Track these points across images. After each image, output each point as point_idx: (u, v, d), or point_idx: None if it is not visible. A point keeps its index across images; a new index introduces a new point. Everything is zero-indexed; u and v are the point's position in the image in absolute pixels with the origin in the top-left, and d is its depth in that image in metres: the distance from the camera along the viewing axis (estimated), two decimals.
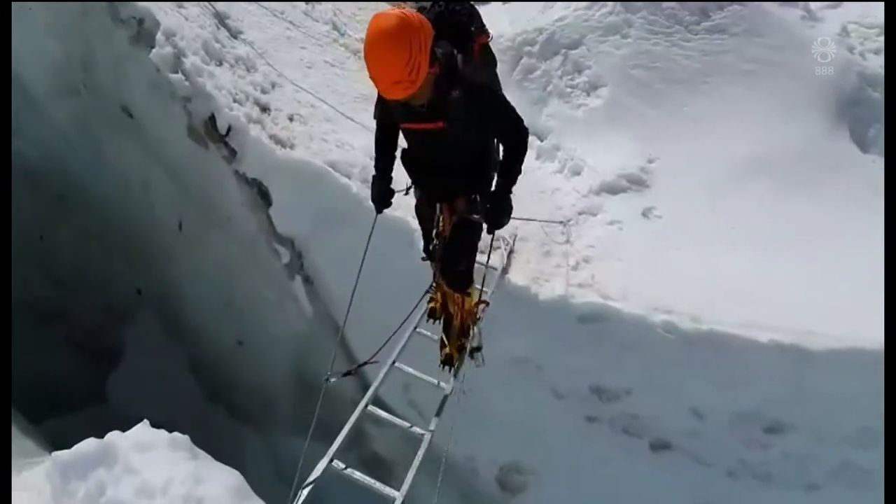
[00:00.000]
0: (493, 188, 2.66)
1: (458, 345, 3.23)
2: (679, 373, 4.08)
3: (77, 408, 6.09)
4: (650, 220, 4.39)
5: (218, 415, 5.97)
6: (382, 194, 2.74)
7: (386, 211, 2.82)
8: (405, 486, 2.56)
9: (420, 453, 2.89)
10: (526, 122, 2.56)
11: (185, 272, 5.59)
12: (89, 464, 2.97)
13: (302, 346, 5.27)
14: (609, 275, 4.20)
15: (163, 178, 5.40)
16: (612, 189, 4.52)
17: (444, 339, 3.25)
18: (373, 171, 2.83)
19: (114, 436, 3.18)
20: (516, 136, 2.49)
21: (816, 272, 3.97)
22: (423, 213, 2.99)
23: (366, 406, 3.11)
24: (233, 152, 4.66)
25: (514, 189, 2.62)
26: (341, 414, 5.38)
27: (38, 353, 6.13)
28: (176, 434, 3.37)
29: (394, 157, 2.81)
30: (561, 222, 4.37)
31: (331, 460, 2.77)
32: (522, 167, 2.60)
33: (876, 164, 4.32)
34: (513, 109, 2.52)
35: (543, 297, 4.18)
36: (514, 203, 2.63)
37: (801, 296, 3.90)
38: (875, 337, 3.36)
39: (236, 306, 5.35)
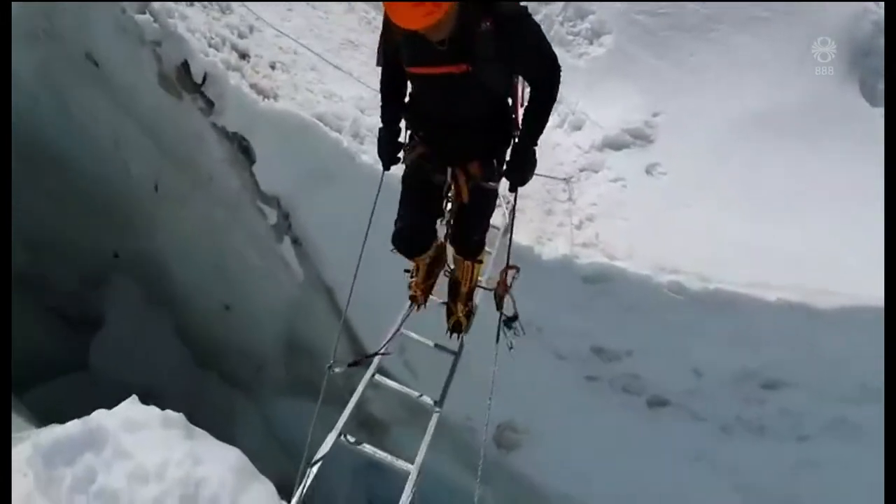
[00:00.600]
0: (514, 143, 2.23)
1: (466, 311, 2.98)
2: (683, 333, 3.88)
3: (60, 376, 5.69)
4: (654, 177, 4.08)
5: (209, 379, 5.64)
6: (392, 148, 2.27)
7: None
8: (419, 459, 2.35)
9: (430, 429, 2.63)
10: None
11: (164, 235, 5.11)
12: (76, 447, 2.59)
13: (293, 310, 4.91)
14: (613, 234, 3.91)
15: (135, 133, 4.84)
16: (614, 144, 4.17)
17: (451, 305, 2.83)
18: (371, 125, 2.42)
19: (101, 415, 2.82)
20: (552, 75, 2.02)
21: (825, 229, 3.74)
22: (420, 180, 2.30)
23: (372, 376, 2.82)
24: (210, 104, 4.14)
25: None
26: (333, 377, 5.11)
27: (15, 321, 5.65)
28: (168, 412, 3.01)
29: (403, 106, 2.32)
30: (564, 179, 4.04)
31: (339, 434, 2.51)
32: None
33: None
34: (549, 44, 2.06)
35: (547, 258, 3.88)
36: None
37: (810, 253, 3.68)
38: (881, 294, 3.18)
39: (222, 270, 4.93)
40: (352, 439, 2.34)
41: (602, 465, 4.41)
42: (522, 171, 2.16)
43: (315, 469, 2.38)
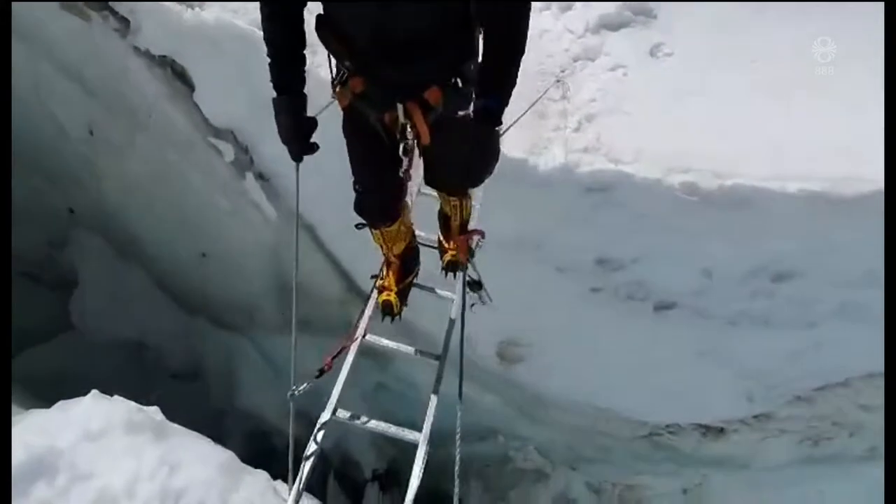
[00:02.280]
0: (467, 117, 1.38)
1: (464, 246, 2.08)
2: (693, 236, 3.24)
3: (48, 339, 4.99)
4: (659, 59, 3.18)
5: (201, 326, 4.95)
6: (299, 127, 1.44)
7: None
8: (426, 429, 1.94)
9: (434, 400, 2.06)
10: None
11: (115, 185, 4.14)
12: (24, 479, 1.89)
13: (274, 251, 4.14)
14: (617, 133, 3.10)
15: (53, 74, 3.70)
16: (612, 24, 3.20)
17: (443, 241, 2.17)
18: (271, 88, 1.44)
19: (51, 429, 2.10)
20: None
21: (846, 113, 2.99)
22: (366, 126, 1.57)
23: (364, 335, 2.19)
24: (124, 22, 3.05)
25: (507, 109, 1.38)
26: (327, 312, 4.50)
27: None
28: (132, 413, 2.27)
29: (303, 59, 1.45)
30: (557, 80, 3.14)
31: (333, 412, 1.93)
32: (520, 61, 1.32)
33: None
34: None
35: (544, 169, 3.10)
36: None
37: (833, 140, 2.96)
38: None
39: (187, 217, 4.05)
40: (346, 415, 1.92)
41: (606, 369, 3.99)
42: (477, 163, 1.35)
43: (309, 464, 1.84)
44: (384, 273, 2.00)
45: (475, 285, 2.08)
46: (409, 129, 1.52)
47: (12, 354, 4.66)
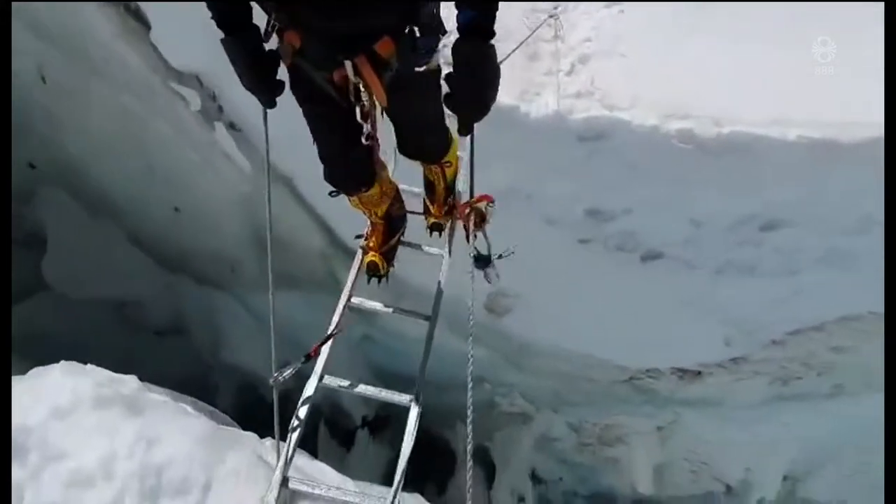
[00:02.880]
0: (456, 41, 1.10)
1: (446, 208, 1.93)
2: (685, 185, 3.04)
3: (24, 299, 4.69)
4: None
5: (182, 283, 4.67)
6: (261, 69, 1.20)
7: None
8: (418, 389, 1.78)
9: (426, 355, 1.91)
10: None
11: (77, 137, 3.71)
12: None
13: (250, 205, 3.84)
14: (612, 77, 2.82)
15: None
16: None
17: (428, 202, 1.96)
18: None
19: (18, 411, 1.88)
20: None
21: (854, 59, 2.75)
22: (315, 90, 1.30)
23: (348, 300, 2.00)
24: None
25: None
26: (311, 266, 4.27)
27: None
28: (103, 381, 2.00)
29: None
30: (550, 17, 2.79)
31: (321, 379, 1.76)
32: None
33: None
34: None
35: (535, 115, 2.82)
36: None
37: (837, 85, 2.73)
38: None
39: (158, 172, 3.67)
40: (335, 382, 1.74)
41: (591, 319, 3.90)
42: (476, 93, 1.11)
43: (296, 435, 1.69)
44: (368, 233, 1.81)
45: (482, 260, 1.80)
46: (362, 90, 1.24)
47: None
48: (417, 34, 1.14)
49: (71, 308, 4.66)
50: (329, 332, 1.75)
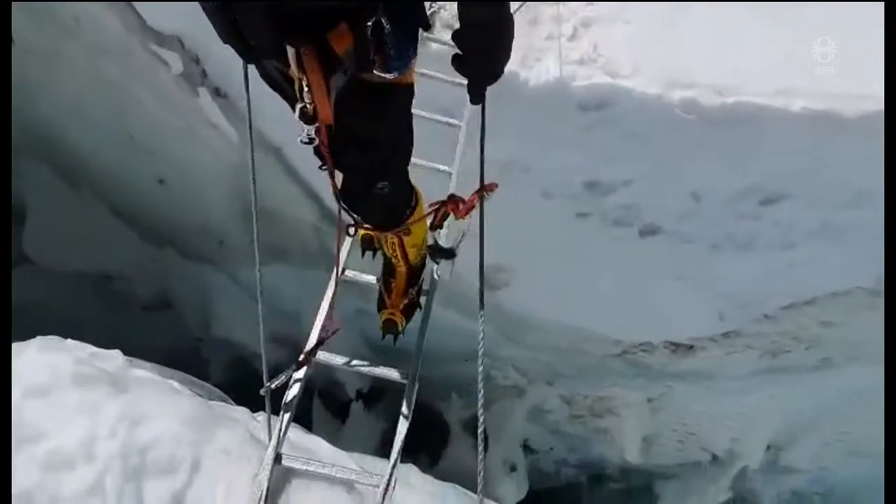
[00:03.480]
0: None
1: (405, 302, 1.57)
2: (687, 157, 2.99)
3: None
4: None
5: (167, 257, 4.56)
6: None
7: None
8: (415, 368, 1.70)
9: (422, 337, 1.84)
10: None
11: (48, 102, 3.52)
12: None
13: (239, 175, 3.70)
14: (615, 44, 2.70)
15: None
16: None
17: (383, 293, 1.58)
18: None
19: None
20: None
21: (860, 28, 2.66)
22: (268, 73, 1.05)
23: (339, 274, 1.90)
24: None
25: None
26: (303, 238, 4.17)
27: None
28: (82, 366, 1.74)
29: None
30: None
31: (312, 353, 1.71)
32: None
33: None
34: None
35: (535, 83, 2.71)
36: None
37: (844, 55, 2.66)
38: None
39: (139, 141, 3.51)
40: (330, 359, 1.66)
41: (586, 293, 3.88)
42: (489, 51, 0.90)
43: (288, 415, 1.64)
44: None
45: (441, 252, 1.44)
46: (305, 88, 0.92)
47: None
48: (386, 27, 0.82)
49: (53, 282, 4.53)
50: (318, 337, 1.65)
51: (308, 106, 0.94)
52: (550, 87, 2.63)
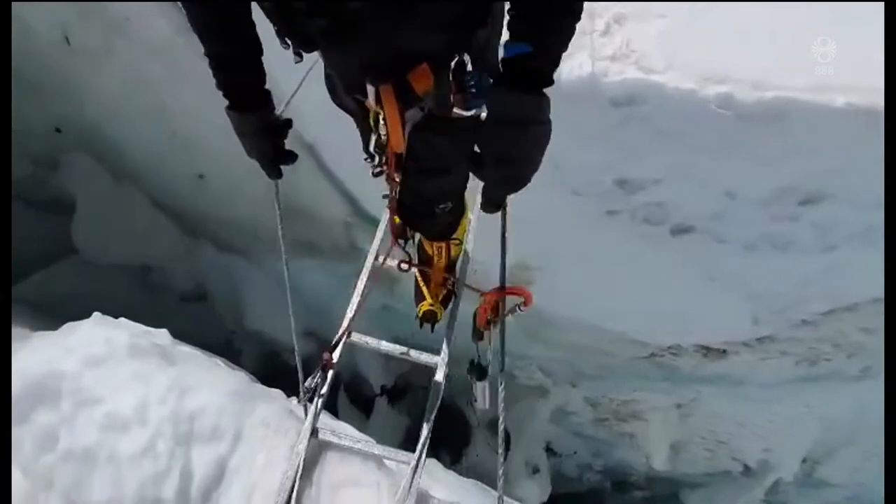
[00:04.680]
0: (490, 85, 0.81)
1: (443, 293, 1.68)
2: (721, 154, 2.94)
3: (51, 263, 4.79)
4: None
5: (204, 250, 4.72)
6: (270, 144, 1.10)
7: None
8: (444, 354, 1.74)
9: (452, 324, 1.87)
10: None
11: (100, 100, 3.71)
12: (25, 405, 1.67)
13: None
14: (649, 39, 2.69)
15: None
16: None
17: (422, 286, 1.67)
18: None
19: (51, 355, 1.93)
20: None
21: None
22: (342, 98, 1.14)
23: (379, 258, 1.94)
24: None
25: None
26: (333, 234, 4.26)
27: None
28: (136, 338, 1.94)
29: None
30: None
31: (348, 334, 1.73)
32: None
33: None
34: None
35: (566, 79, 2.72)
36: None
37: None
38: None
39: (179, 135, 3.67)
40: (362, 340, 1.75)
41: (614, 292, 3.84)
42: (515, 159, 0.81)
43: (324, 395, 1.69)
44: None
45: (477, 368, 1.47)
46: (382, 122, 0.98)
47: (16, 279, 4.49)
48: (469, 66, 0.84)
49: (97, 272, 4.75)
50: (341, 332, 1.69)
51: (383, 137, 1.00)
52: (582, 83, 2.62)
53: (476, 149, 0.83)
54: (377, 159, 1.10)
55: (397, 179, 1.16)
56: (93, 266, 4.71)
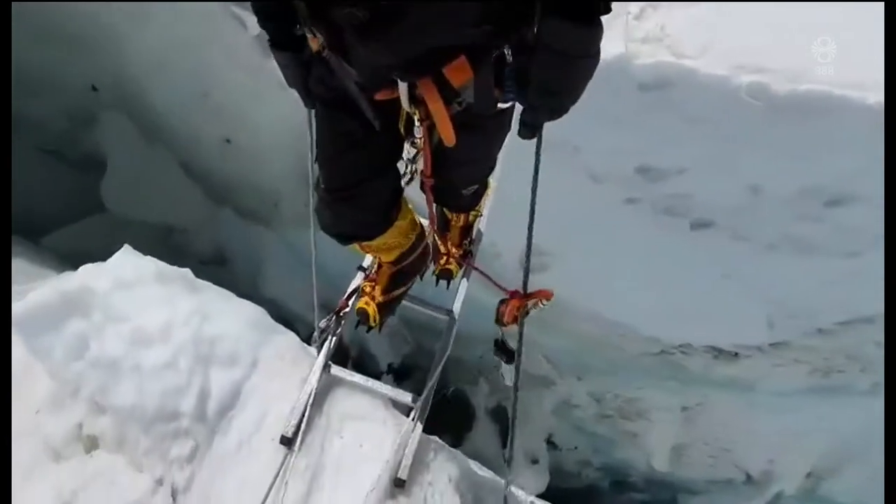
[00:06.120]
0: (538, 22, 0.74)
1: (460, 252, 1.75)
2: (749, 146, 2.87)
3: (79, 219, 4.92)
4: None
5: (226, 215, 4.80)
6: (304, 77, 1.02)
7: None
8: (457, 306, 1.84)
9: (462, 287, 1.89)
10: None
11: (137, 62, 3.77)
12: (58, 314, 1.75)
13: (301, 137, 3.87)
14: (684, 24, 2.63)
15: None
16: None
17: (439, 243, 1.71)
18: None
19: (83, 274, 2.05)
20: None
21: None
22: (341, 100, 0.98)
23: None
24: None
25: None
26: None
27: (17, 165, 4.69)
28: (163, 265, 2.02)
29: None
30: None
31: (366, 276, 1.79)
32: None
33: None
34: None
35: None
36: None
37: None
38: None
39: (209, 98, 3.72)
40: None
41: (628, 284, 3.78)
42: (561, 87, 0.79)
43: (337, 333, 1.71)
44: (373, 271, 1.55)
45: (504, 351, 1.49)
46: (417, 123, 0.93)
47: (44, 231, 4.61)
48: (509, 59, 0.79)
49: (122, 230, 4.85)
50: (356, 284, 1.72)
51: (418, 140, 0.97)
52: (611, 65, 2.58)
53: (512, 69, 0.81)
54: (409, 167, 1.09)
55: (431, 184, 1.15)
56: (120, 224, 4.82)
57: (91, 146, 4.63)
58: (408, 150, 1.04)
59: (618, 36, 2.64)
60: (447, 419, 4.98)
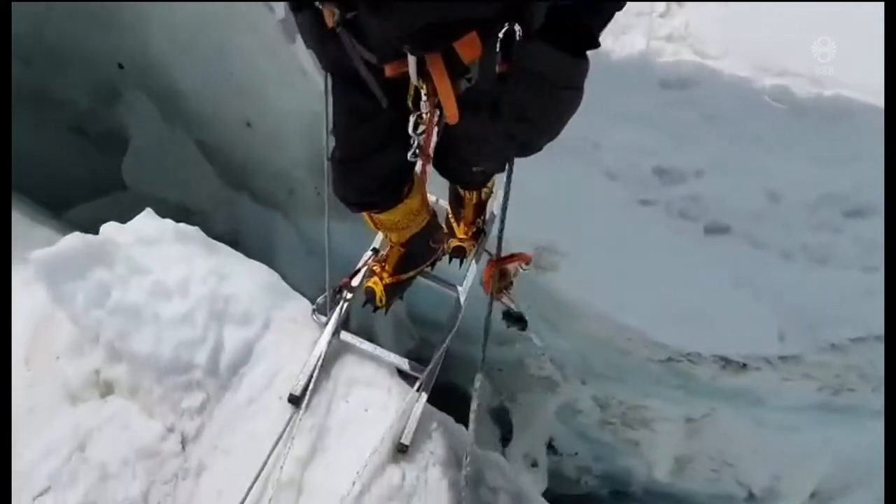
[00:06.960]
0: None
1: (473, 230, 1.82)
2: (770, 150, 2.85)
3: (101, 195, 5.00)
4: None
5: (241, 199, 4.85)
6: (320, 36, 0.99)
7: None
8: (467, 283, 1.90)
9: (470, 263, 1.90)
10: None
11: (164, 42, 3.85)
12: (82, 263, 1.82)
13: (319, 125, 3.92)
14: (709, 23, 2.63)
15: None
16: None
17: (453, 223, 1.79)
18: None
19: (108, 229, 2.13)
20: None
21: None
22: (352, 73, 0.99)
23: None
24: None
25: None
26: None
27: (41, 141, 4.79)
28: (184, 225, 2.17)
29: None
30: None
31: (375, 251, 1.88)
32: None
33: None
34: None
35: (619, 56, 2.68)
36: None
37: None
38: None
39: (232, 80, 3.78)
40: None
41: (638, 287, 3.75)
42: (535, 122, 0.81)
43: (348, 301, 1.73)
44: (384, 254, 1.61)
45: (514, 319, 1.55)
46: (424, 98, 0.92)
47: (66, 206, 4.69)
48: (519, 35, 0.76)
49: (142, 209, 4.91)
50: (363, 261, 1.80)
51: (424, 115, 0.95)
52: (633, 62, 2.58)
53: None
54: (415, 141, 1.06)
55: (431, 161, 1.15)
56: (139, 203, 4.88)
57: (115, 124, 4.72)
58: (413, 125, 1.04)
59: (640, 34, 2.64)
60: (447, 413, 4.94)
